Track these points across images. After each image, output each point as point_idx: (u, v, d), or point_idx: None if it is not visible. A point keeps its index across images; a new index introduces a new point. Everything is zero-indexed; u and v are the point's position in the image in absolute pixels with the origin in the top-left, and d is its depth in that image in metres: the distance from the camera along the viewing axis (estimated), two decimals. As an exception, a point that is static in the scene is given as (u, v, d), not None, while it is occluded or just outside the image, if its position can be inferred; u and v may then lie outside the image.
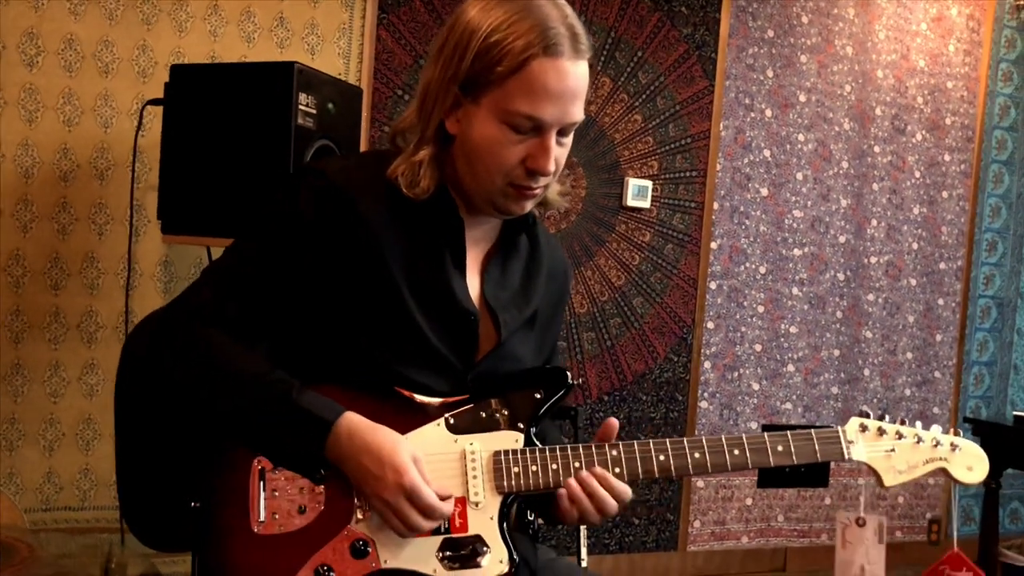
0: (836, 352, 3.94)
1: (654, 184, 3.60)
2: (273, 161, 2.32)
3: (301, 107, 2.33)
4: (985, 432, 3.20)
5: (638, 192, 3.57)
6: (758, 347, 3.82)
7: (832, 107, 3.87)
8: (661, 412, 3.67)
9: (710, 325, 3.75)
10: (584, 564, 2.72)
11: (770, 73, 3.76)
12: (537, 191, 1.38)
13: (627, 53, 3.53)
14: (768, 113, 3.77)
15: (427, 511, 1.25)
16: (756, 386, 3.82)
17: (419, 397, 1.37)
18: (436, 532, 1.31)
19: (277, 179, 1.38)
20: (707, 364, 3.75)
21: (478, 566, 1.31)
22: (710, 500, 3.76)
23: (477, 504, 1.33)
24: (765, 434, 1.41)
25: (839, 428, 1.43)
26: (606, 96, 3.51)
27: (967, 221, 4.14)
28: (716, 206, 3.71)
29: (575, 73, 1.32)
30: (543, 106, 1.31)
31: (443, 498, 1.28)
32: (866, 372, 3.99)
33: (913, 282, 4.05)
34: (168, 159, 2.46)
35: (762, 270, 3.81)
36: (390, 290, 1.36)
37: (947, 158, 4.09)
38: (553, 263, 1.57)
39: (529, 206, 1.41)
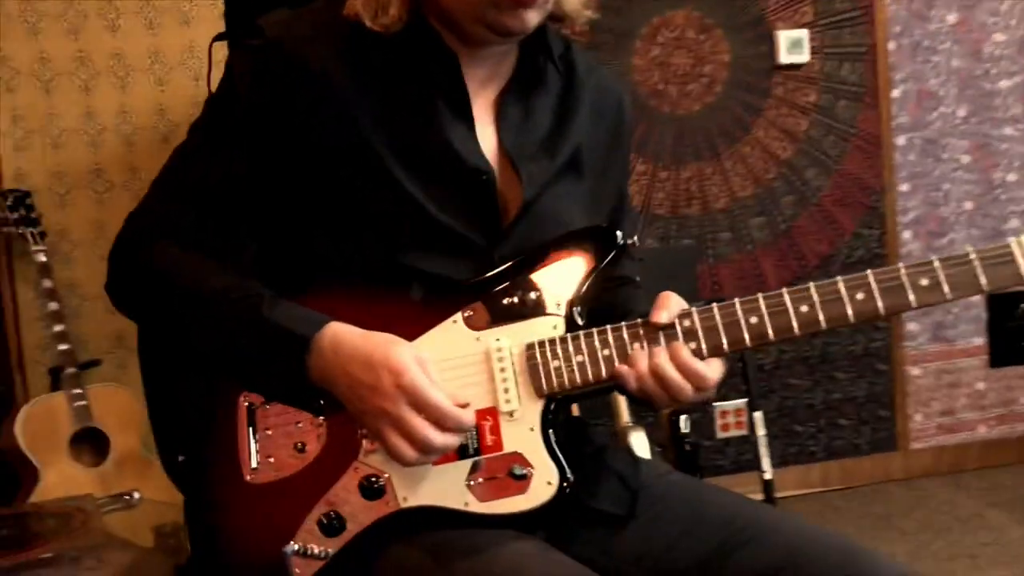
0: (1072, 196, 3.25)
1: (811, 33, 3.07)
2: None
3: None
4: None
5: (792, 45, 3.06)
6: (968, 205, 3.20)
7: (1028, -102, 3.14)
8: (857, 296, 3.17)
9: (904, 188, 3.18)
10: (768, 477, 2.35)
11: None
12: None
13: None
14: (944, -79, 3.11)
15: (438, 418, 0.96)
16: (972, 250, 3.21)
17: (427, 292, 1.07)
18: (463, 455, 1.02)
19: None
20: (906, 234, 3.20)
21: (521, 492, 1.01)
22: (931, 389, 3.23)
23: (512, 414, 1.03)
24: (901, 267, 1.01)
25: (1012, 240, 1.00)
26: (737, -59, 3.01)
27: None
28: (892, 46, 3.12)
29: None
30: None
31: (460, 406, 0.99)
32: (1116, 215, 3.28)
33: None
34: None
35: (961, 113, 3.18)
36: (369, 160, 1.07)
37: None
38: (600, 94, 1.22)
39: (532, 18, 1.07)
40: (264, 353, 1.03)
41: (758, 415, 2.34)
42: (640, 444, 1.95)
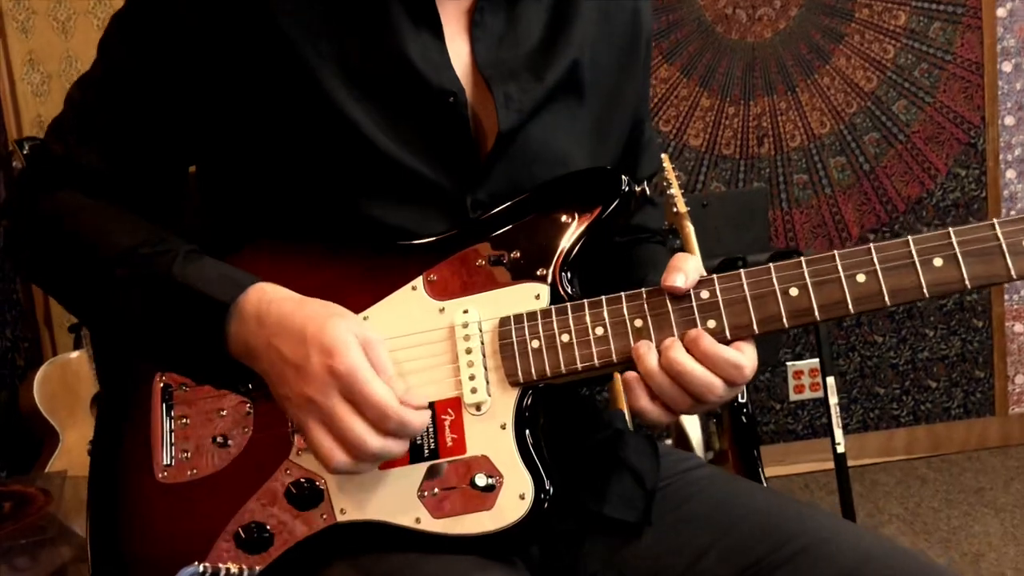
0: None
1: (902, -54, 2.71)
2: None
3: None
4: None
5: (880, -39, 2.70)
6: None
7: None
8: (951, 244, 2.83)
9: (1009, 121, 2.81)
10: (840, 448, 2.09)
11: None
12: None
13: None
14: None
15: (378, 417, 0.75)
16: (1088, 191, 2.84)
17: (388, 252, 0.86)
18: (416, 457, 0.80)
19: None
20: (1010, 173, 2.83)
21: (486, 507, 0.79)
22: (1036, 348, 2.89)
23: (479, 407, 0.80)
24: (996, 222, 0.75)
25: None
26: None
27: None
28: (998, -43, 2.74)
29: None
30: None
31: (415, 405, 0.77)
32: None
33: None
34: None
35: (1079, 33, 2.79)
36: (307, 82, 0.85)
37: None
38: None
39: None
40: (175, 322, 0.83)
41: (831, 380, 2.08)
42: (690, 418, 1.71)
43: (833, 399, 2.06)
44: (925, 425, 2.88)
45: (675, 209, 2.08)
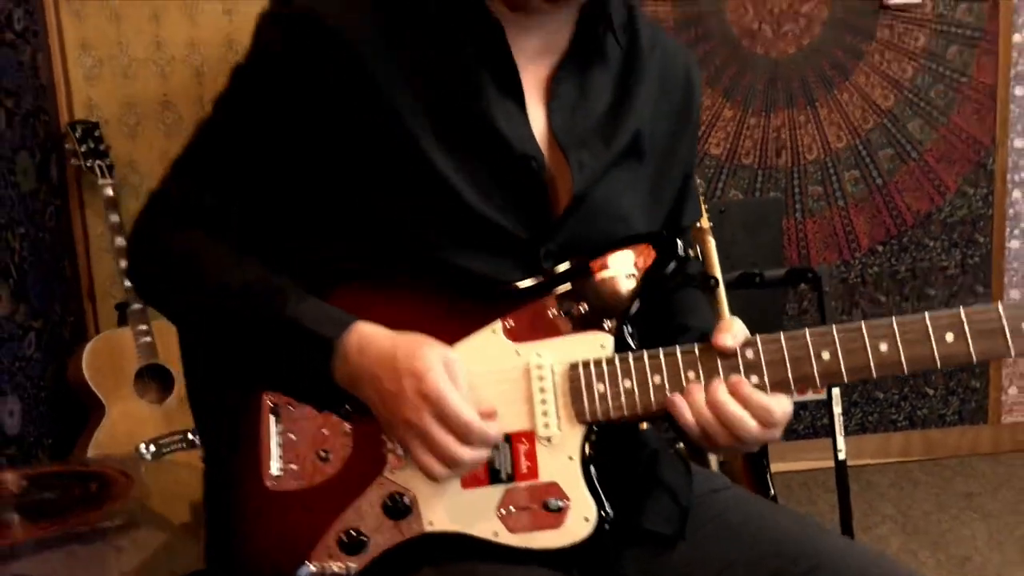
0: None
1: (926, -30, 2.81)
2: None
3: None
4: None
5: (904, -16, 2.80)
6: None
7: None
8: (956, 259, 2.96)
9: (1018, 143, 2.92)
10: (842, 455, 2.22)
11: None
12: None
13: None
14: None
15: (462, 433, 0.88)
16: (1090, 214, 2.96)
17: (466, 293, 0.98)
18: (495, 480, 0.94)
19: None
20: (1017, 193, 2.95)
21: (555, 526, 0.92)
22: (1030, 361, 3.03)
23: (550, 440, 0.94)
24: (999, 305, 0.88)
25: None
26: None
27: None
28: (1018, -15, 2.84)
29: None
30: None
31: (486, 414, 0.90)
32: None
33: None
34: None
35: (1091, 61, 2.89)
36: (403, 140, 0.96)
37: None
38: (665, 66, 1.09)
39: None
40: (287, 354, 0.96)
41: (835, 391, 2.21)
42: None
43: (837, 408, 2.19)
44: (920, 430, 3.03)
45: (698, 224, 2.19)
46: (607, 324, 0.95)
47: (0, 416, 2.22)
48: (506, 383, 0.95)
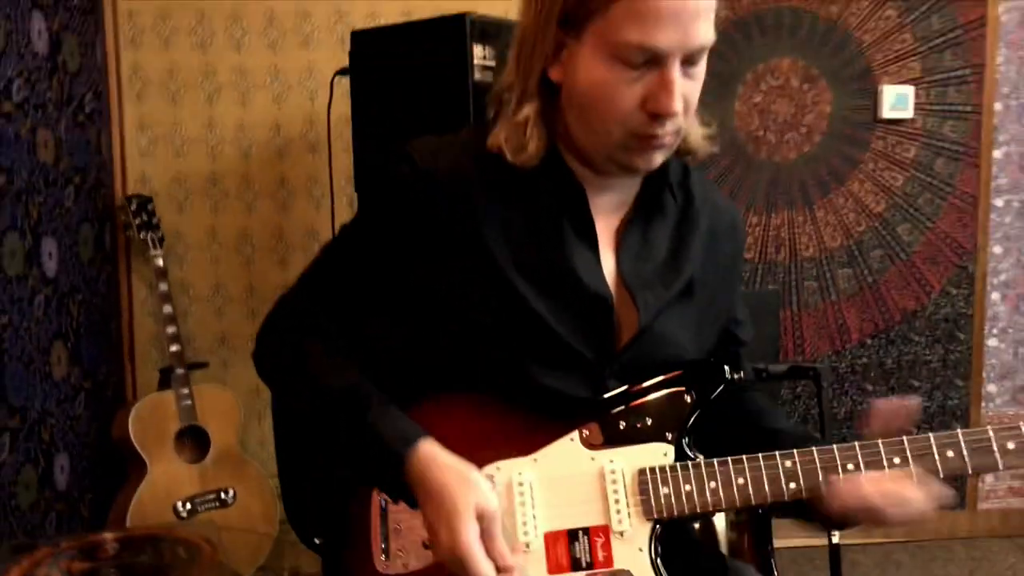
0: None
1: (916, 89, 3.07)
2: (455, 121, 2.18)
3: (477, 62, 2.16)
4: None
5: (897, 101, 3.06)
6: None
7: None
8: (938, 354, 3.18)
9: (997, 249, 3.17)
10: (836, 538, 2.41)
11: (1065, -66, 3.05)
12: (666, 140, 1.12)
13: (873, -62, 3.00)
14: (1064, -15, 3.07)
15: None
16: (1061, 317, 3.20)
17: (549, 407, 1.17)
18: (577, 567, 1.12)
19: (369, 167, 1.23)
20: (995, 295, 3.19)
21: (625, 608, 1.10)
22: (1005, 452, 3.23)
23: (622, 533, 1.12)
24: (990, 430, 1.08)
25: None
26: (849, -7, 3.02)
27: None
28: (999, 107, 3.11)
29: None
30: (656, 31, 1.05)
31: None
32: None
33: None
34: (359, 130, 2.40)
35: (1064, 178, 3.16)
36: (500, 281, 1.16)
37: None
38: (714, 218, 1.29)
39: (659, 158, 1.15)
40: (367, 456, 1.12)
41: (831, 477, 2.39)
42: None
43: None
44: (903, 513, 3.21)
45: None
46: (668, 436, 1.14)
47: (53, 472, 2.37)
48: (584, 484, 1.13)
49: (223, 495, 2.65)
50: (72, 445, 2.49)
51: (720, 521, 2.06)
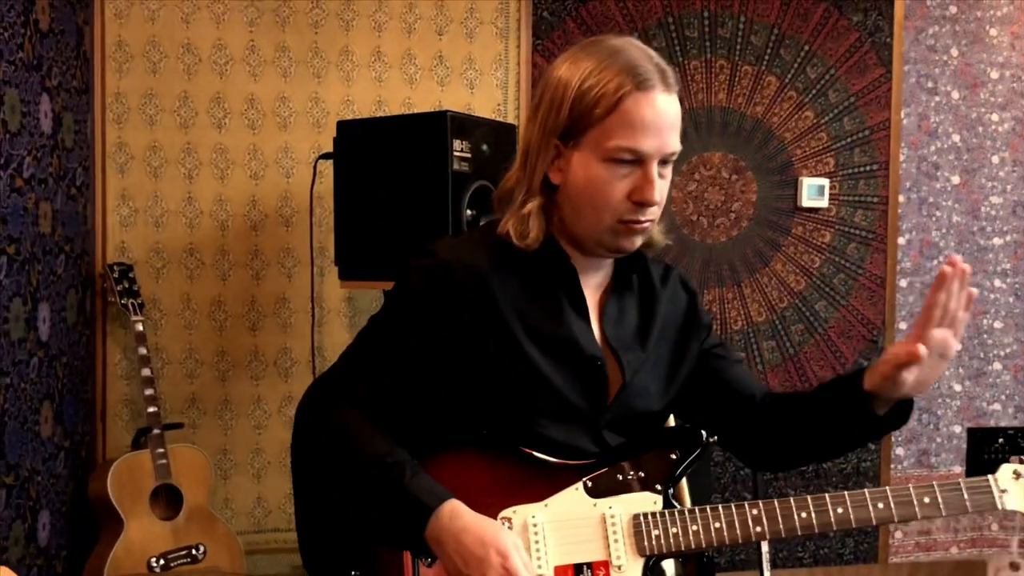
0: (1050, 346, 3.62)
1: (831, 181, 3.45)
2: (434, 207, 2.42)
3: (456, 153, 2.41)
4: None
5: (814, 191, 3.43)
6: (958, 346, 3.56)
7: (1031, 81, 3.55)
8: (852, 419, 3.51)
9: (902, 326, 3.54)
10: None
11: (955, 52, 3.50)
12: (646, 224, 1.40)
13: (792, 49, 3.39)
14: (955, 95, 3.51)
15: None
16: (958, 387, 3.58)
17: (555, 460, 1.40)
18: (580, 598, 1.34)
19: (403, 261, 1.47)
20: (901, 366, 3.55)
21: (623, 631, 1.32)
22: (911, 510, 3.57)
23: (620, 568, 1.35)
24: (911, 487, 1.35)
25: (990, 477, 1.35)
26: (773, 95, 3.39)
27: None
28: (902, 199, 3.51)
29: (668, 104, 1.37)
30: (642, 137, 1.35)
31: None
32: (1088, 366, 3.65)
33: None
34: (341, 210, 2.61)
35: (958, 263, 3.55)
36: (513, 348, 1.40)
37: None
38: (673, 290, 1.57)
39: (639, 241, 1.43)
40: (397, 513, 1.33)
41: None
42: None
43: (765, 547, 2.64)
44: (823, 567, 3.51)
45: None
46: (658, 487, 1.38)
47: (37, 529, 2.47)
48: (588, 527, 1.36)
49: (194, 551, 2.76)
50: (53, 502, 2.59)
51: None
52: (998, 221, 3.58)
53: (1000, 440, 3.61)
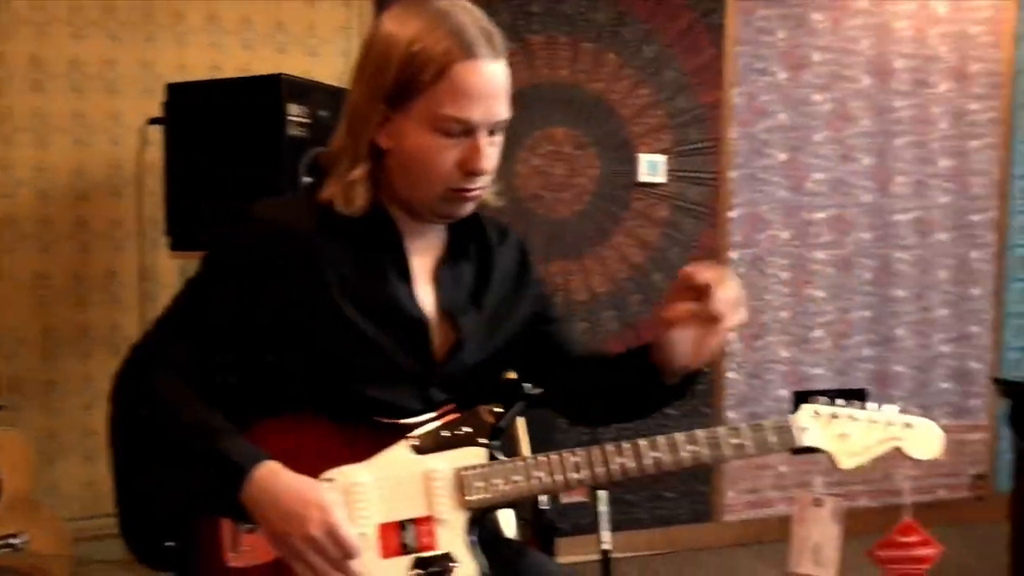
0: (867, 314, 3.88)
1: (668, 158, 3.57)
2: (269, 175, 2.37)
3: (292, 118, 2.37)
4: (1018, 393, 3.13)
5: (651, 167, 3.55)
6: (784, 314, 3.78)
7: (849, 64, 3.77)
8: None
9: (734, 295, 3.71)
10: (606, 545, 2.75)
11: (781, 35, 3.68)
12: (476, 192, 1.41)
13: (633, 28, 3.48)
14: (782, 76, 3.69)
15: (351, 551, 1.26)
16: (785, 353, 3.79)
17: (380, 420, 1.40)
18: (407, 551, 1.35)
19: (219, 224, 1.43)
20: (732, 334, 3.72)
21: (449, 583, 1.34)
22: (742, 469, 3.76)
23: (444, 522, 1.36)
24: (720, 429, 1.43)
25: (790, 416, 1.44)
26: (612, 72, 3.48)
27: (999, 170, 4.02)
28: (733, 175, 3.67)
29: (496, 72, 1.37)
30: (470, 107, 1.34)
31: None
32: (899, 332, 3.93)
33: (944, 237, 3.96)
34: (172, 177, 2.52)
35: (784, 236, 3.76)
36: (334, 312, 1.39)
37: (974, 107, 3.96)
38: (507, 250, 1.60)
39: (470, 208, 1.44)
40: (211, 476, 1.31)
41: (602, 492, 2.74)
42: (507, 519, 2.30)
43: (603, 507, 2.72)
44: (661, 528, 3.65)
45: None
46: (482, 441, 1.40)
47: None
48: (412, 484, 1.37)
49: (13, 540, 2.62)
50: None
51: (512, 519, 2.34)
52: (820, 196, 3.80)
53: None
